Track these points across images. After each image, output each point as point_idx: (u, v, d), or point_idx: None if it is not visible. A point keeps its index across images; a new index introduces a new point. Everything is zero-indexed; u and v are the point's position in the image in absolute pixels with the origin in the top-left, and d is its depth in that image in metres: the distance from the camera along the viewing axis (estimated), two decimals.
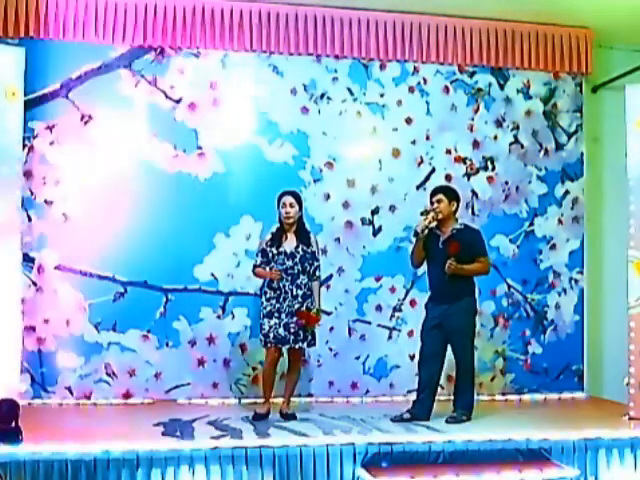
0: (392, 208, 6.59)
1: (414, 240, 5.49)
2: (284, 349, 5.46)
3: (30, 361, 5.86)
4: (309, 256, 5.44)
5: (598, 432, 4.98)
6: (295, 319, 5.32)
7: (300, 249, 5.42)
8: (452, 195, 5.49)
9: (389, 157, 6.65)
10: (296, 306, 5.34)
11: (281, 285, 5.37)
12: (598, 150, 7.06)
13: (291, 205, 5.42)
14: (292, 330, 5.33)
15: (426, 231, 5.34)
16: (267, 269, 5.44)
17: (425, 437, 4.85)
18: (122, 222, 6.09)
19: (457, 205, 5.51)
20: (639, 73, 6.60)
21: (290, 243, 5.43)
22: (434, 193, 5.51)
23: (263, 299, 5.45)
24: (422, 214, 5.43)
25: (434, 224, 5.36)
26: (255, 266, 5.52)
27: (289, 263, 5.38)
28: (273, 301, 5.37)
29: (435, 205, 5.41)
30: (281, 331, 5.32)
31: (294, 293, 5.37)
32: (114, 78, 6.20)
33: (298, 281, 5.38)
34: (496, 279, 6.71)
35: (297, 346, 5.39)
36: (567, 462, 4.80)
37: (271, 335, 5.34)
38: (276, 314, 5.35)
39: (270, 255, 5.43)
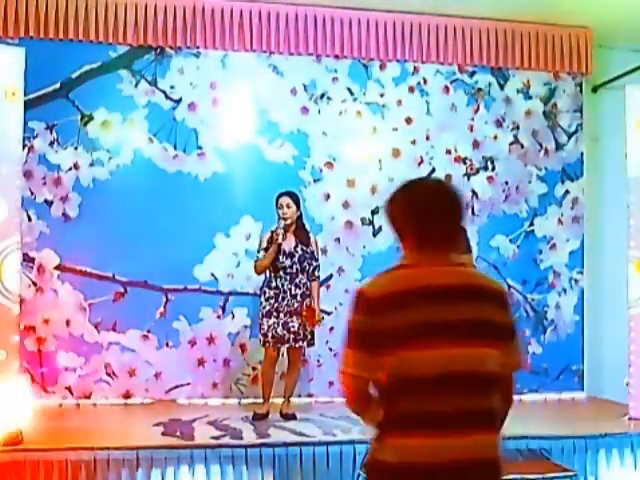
0: None
1: None
2: (284, 349, 5.46)
3: (30, 361, 5.87)
4: (308, 256, 5.44)
5: (598, 432, 4.98)
6: (299, 310, 5.31)
7: (299, 249, 5.41)
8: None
9: (389, 157, 6.65)
10: (295, 305, 5.33)
11: (280, 284, 5.36)
12: (598, 150, 7.05)
13: (288, 206, 5.40)
14: (291, 330, 5.32)
15: None
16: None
17: None
18: (122, 222, 6.08)
19: None
20: (639, 73, 6.60)
21: (289, 243, 5.42)
22: None
23: (262, 299, 5.44)
24: None
25: None
26: (256, 262, 5.50)
27: (288, 262, 5.37)
28: (272, 300, 5.36)
29: None
30: (280, 331, 5.32)
31: (293, 292, 5.36)
32: (114, 78, 6.21)
33: (297, 280, 5.37)
34: (496, 279, 6.69)
35: (297, 345, 5.39)
36: (567, 462, 4.79)
37: (270, 335, 5.33)
38: (275, 314, 5.34)
39: None
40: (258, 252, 5.51)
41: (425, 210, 2.12)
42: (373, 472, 2.07)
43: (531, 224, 6.87)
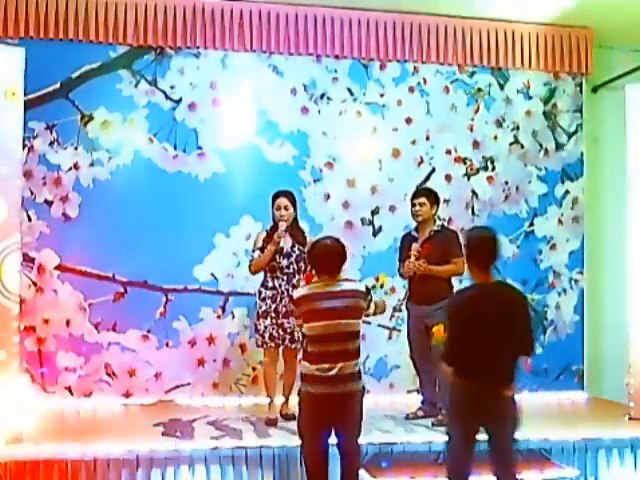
0: (392, 208, 6.59)
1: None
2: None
3: (30, 361, 5.87)
4: (305, 256, 5.42)
5: (598, 432, 4.99)
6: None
7: (296, 249, 5.40)
8: (434, 198, 5.52)
9: (389, 157, 6.65)
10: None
11: (277, 285, 5.35)
12: (598, 150, 7.05)
13: (286, 208, 5.36)
14: (288, 330, 5.31)
15: (412, 274, 5.44)
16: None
17: (425, 437, 4.86)
18: (122, 222, 6.07)
19: (437, 208, 5.55)
20: (639, 73, 6.61)
21: (286, 242, 5.39)
22: (417, 196, 5.54)
23: (258, 299, 5.41)
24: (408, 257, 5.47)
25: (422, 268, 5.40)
26: (251, 261, 5.47)
27: (285, 262, 5.36)
28: (268, 301, 5.34)
29: (417, 208, 5.46)
30: (276, 331, 5.30)
31: (290, 293, 5.34)
32: (114, 78, 6.21)
33: (294, 280, 5.35)
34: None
35: (292, 346, 5.36)
36: (567, 462, 4.81)
37: (266, 335, 5.32)
38: (272, 314, 5.32)
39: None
40: (253, 251, 5.48)
41: (323, 256, 4.10)
42: (301, 377, 4.04)
43: (531, 224, 6.87)
